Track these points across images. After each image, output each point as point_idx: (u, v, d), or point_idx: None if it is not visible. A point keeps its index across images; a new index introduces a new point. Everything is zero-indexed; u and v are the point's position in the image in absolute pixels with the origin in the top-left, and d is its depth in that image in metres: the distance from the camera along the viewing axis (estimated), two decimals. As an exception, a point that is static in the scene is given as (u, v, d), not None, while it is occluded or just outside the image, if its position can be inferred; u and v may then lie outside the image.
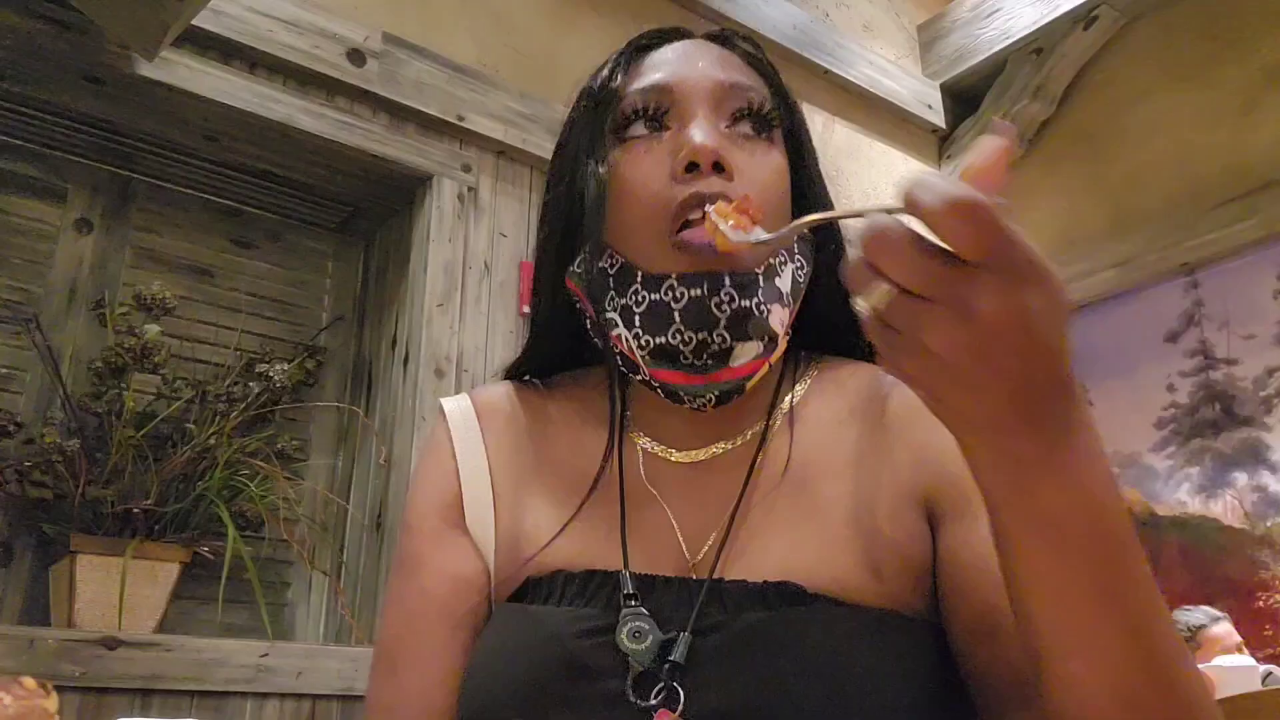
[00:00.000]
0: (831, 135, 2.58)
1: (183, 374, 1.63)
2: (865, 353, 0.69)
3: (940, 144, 2.87)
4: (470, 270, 1.81)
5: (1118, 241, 2.49)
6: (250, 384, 1.65)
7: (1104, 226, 2.55)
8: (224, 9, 1.61)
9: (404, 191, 1.86)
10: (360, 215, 1.94)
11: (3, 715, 0.95)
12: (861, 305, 0.39)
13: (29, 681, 1.02)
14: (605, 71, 0.68)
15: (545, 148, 1.95)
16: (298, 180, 1.82)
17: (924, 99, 2.80)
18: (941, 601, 0.56)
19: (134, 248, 1.74)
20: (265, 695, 1.41)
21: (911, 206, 0.36)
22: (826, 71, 2.55)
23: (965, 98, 2.84)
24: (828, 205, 0.68)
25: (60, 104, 1.59)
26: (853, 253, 0.38)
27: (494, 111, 1.90)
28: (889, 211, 0.37)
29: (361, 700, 1.48)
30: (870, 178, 2.63)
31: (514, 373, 0.73)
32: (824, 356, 0.69)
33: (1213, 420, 2.25)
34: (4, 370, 1.56)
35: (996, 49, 2.68)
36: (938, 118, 2.81)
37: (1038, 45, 2.62)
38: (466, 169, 1.86)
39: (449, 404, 0.70)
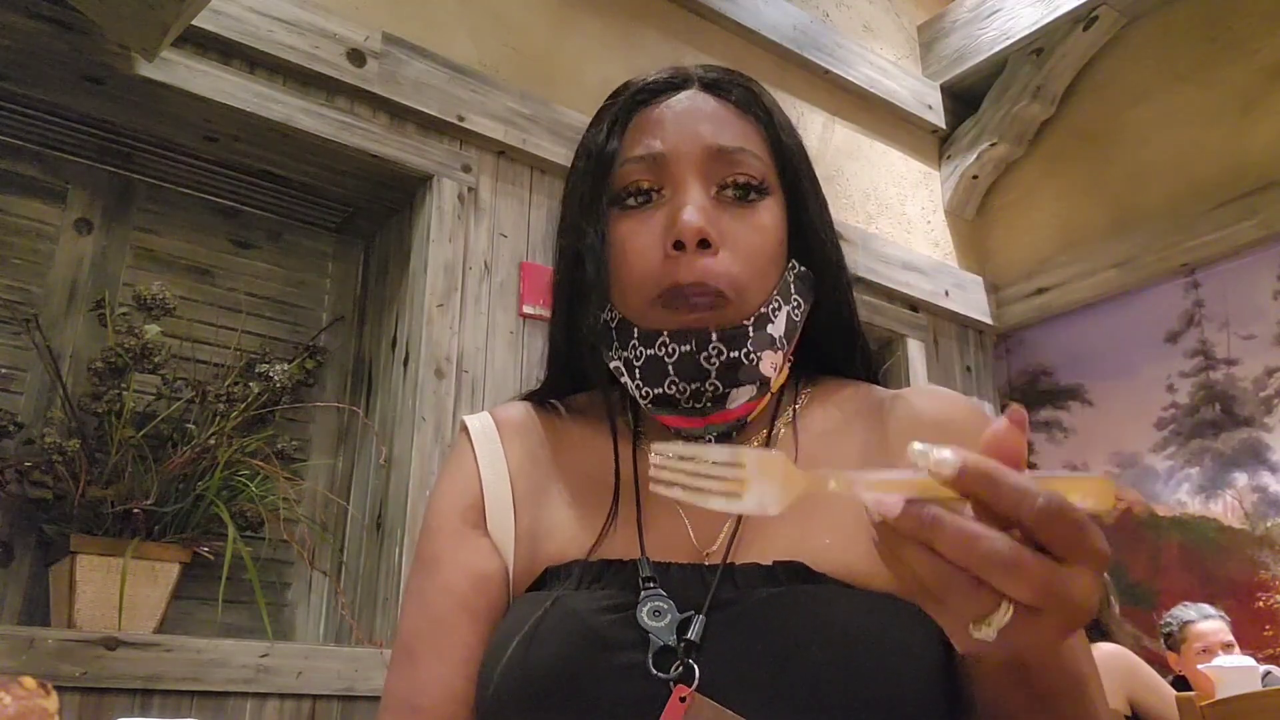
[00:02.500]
0: (831, 135, 2.58)
1: (183, 374, 1.63)
2: (860, 374, 0.74)
3: (940, 144, 2.87)
4: (470, 270, 1.81)
5: (1118, 242, 2.49)
6: (250, 384, 1.65)
7: (1104, 227, 2.56)
8: (224, 9, 1.61)
9: (404, 191, 1.86)
10: (360, 215, 1.94)
11: (3, 715, 0.96)
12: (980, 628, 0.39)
13: (29, 681, 1.02)
14: (603, 133, 0.70)
15: (545, 148, 1.96)
16: (297, 180, 1.82)
17: (924, 99, 2.80)
18: None
19: (134, 248, 1.74)
20: (265, 695, 1.41)
21: (1012, 509, 0.37)
22: (826, 72, 2.55)
23: (965, 98, 2.84)
24: (825, 244, 0.71)
25: (60, 104, 1.59)
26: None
27: (494, 112, 1.90)
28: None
29: (361, 700, 1.49)
30: (870, 178, 2.63)
31: (534, 397, 0.77)
32: (821, 377, 0.73)
33: (1213, 420, 2.25)
34: (4, 370, 1.56)
35: (996, 49, 2.68)
36: (938, 118, 2.81)
37: (1038, 45, 2.63)
38: (466, 169, 1.86)
39: (471, 420, 0.74)
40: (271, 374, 1.65)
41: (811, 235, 0.70)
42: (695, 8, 2.29)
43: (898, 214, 2.67)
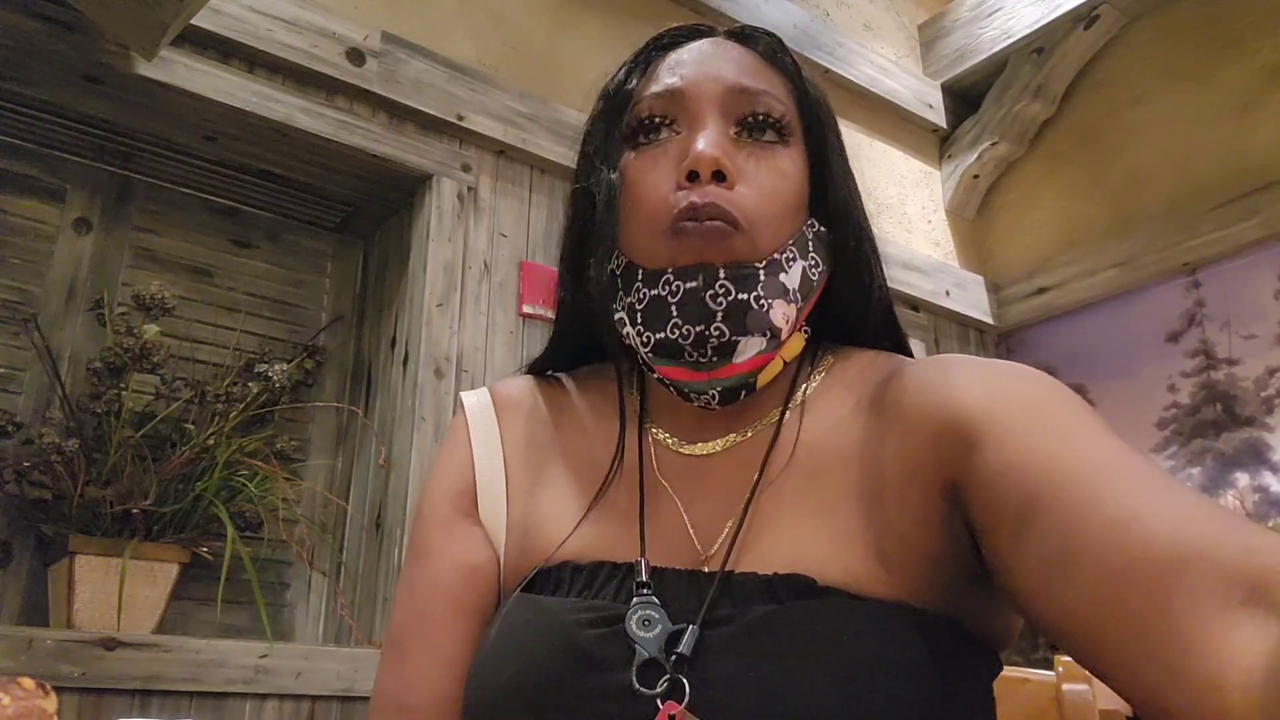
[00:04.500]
0: (832, 135, 2.57)
1: (182, 374, 1.63)
2: (886, 344, 0.69)
3: (941, 144, 2.87)
4: (470, 270, 1.81)
5: (1119, 241, 2.49)
6: (249, 384, 1.65)
7: (1105, 226, 2.55)
8: (223, 8, 1.61)
9: (403, 191, 1.86)
10: (359, 215, 1.93)
11: (2, 715, 0.95)
12: None
13: (28, 682, 1.01)
14: (622, 74, 0.68)
15: (545, 147, 1.95)
16: (297, 180, 1.82)
17: (924, 98, 2.79)
18: (982, 538, 0.53)
19: (133, 248, 1.74)
20: (264, 696, 1.40)
21: None
22: (827, 71, 2.54)
23: (966, 97, 2.84)
24: (848, 205, 0.67)
25: (59, 103, 1.58)
26: None
27: (494, 111, 1.89)
28: None
29: (360, 701, 1.48)
30: (871, 177, 2.63)
31: (536, 368, 0.74)
32: (841, 348, 0.68)
33: (1214, 420, 2.25)
34: (3, 370, 1.56)
35: (997, 48, 2.68)
36: (938, 117, 2.81)
37: (1039, 45, 2.62)
38: (466, 169, 1.86)
39: (468, 397, 0.71)
40: (271, 374, 1.65)
41: (833, 194, 0.66)
42: (696, 6, 2.28)
43: (898, 213, 2.66)
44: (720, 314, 0.58)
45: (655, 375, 0.63)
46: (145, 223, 1.76)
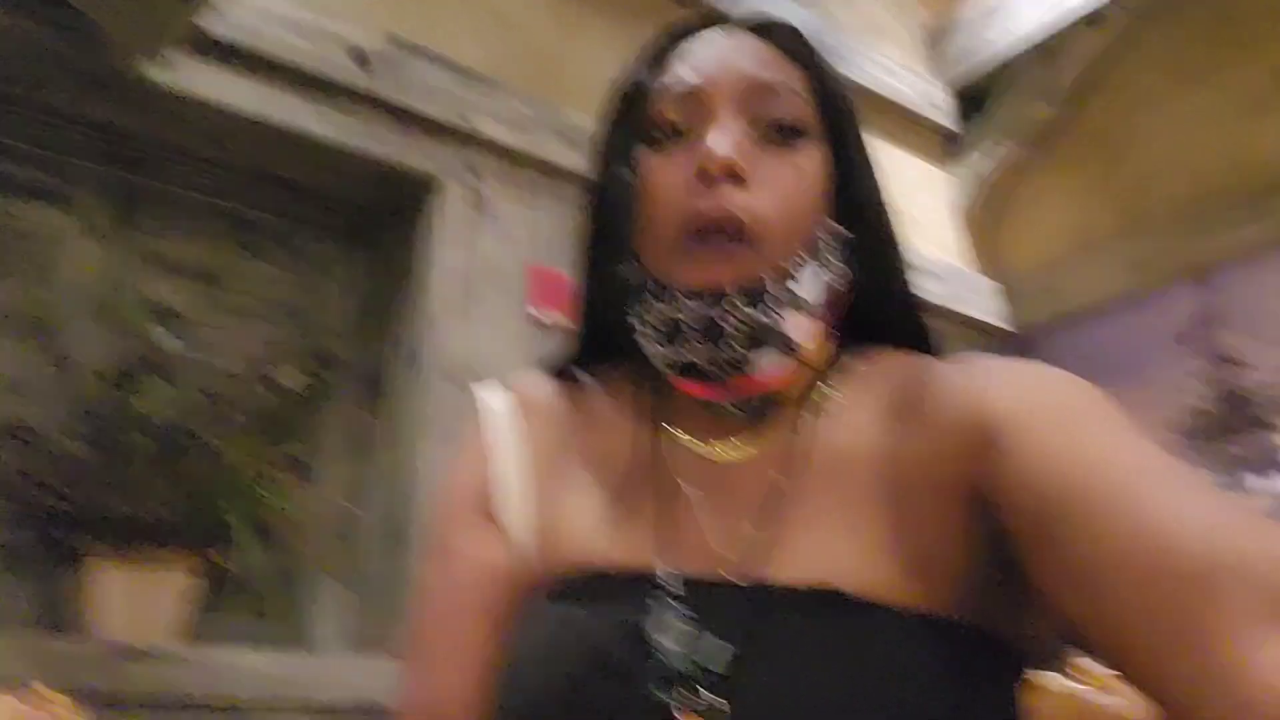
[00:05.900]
0: (839, 137, 2.57)
1: (193, 380, 1.63)
2: (913, 344, 0.67)
3: (949, 145, 2.86)
4: (477, 274, 1.80)
5: (1128, 244, 2.48)
6: (261, 390, 1.64)
7: (1115, 229, 2.54)
8: (229, 12, 1.60)
9: (411, 195, 1.86)
10: (367, 220, 1.93)
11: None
12: None
13: (48, 693, 1.01)
14: (635, 67, 0.67)
15: (552, 151, 1.95)
16: (304, 184, 1.81)
17: (931, 100, 2.79)
18: (1010, 543, 0.52)
19: (142, 253, 1.73)
20: (281, 706, 1.40)
21: None
22: (834, 73, 2.54)
23: (974, 98, 2.83)
24: (871, 200, 0.66)
25: (67, 109, 1.58)
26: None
27: (501, 115, 1.89)
28: None
29: (379, 712, 1.48)
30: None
31: (556, 364, 0.73)
32: (864, 349, 0.67)
33: (1225, 424, 2.24)
34: (14, 378, 1.56)
35: (1005, 49, 2.67)
36: (945, 118, 2.80)
37: (1047, 46, 2.61)
38: (473, 172, 1.85)
39: (486, 393, 0.70)
40: (282, 380, 1.65)
41: (854, 190, 0.65)
42: (700, 8, 2.27)
43: (906, 216, 2.65)
44: (733, 332, 0.58)
45: (674, 391, 0.64)
46: (154, 228, 1.75)
